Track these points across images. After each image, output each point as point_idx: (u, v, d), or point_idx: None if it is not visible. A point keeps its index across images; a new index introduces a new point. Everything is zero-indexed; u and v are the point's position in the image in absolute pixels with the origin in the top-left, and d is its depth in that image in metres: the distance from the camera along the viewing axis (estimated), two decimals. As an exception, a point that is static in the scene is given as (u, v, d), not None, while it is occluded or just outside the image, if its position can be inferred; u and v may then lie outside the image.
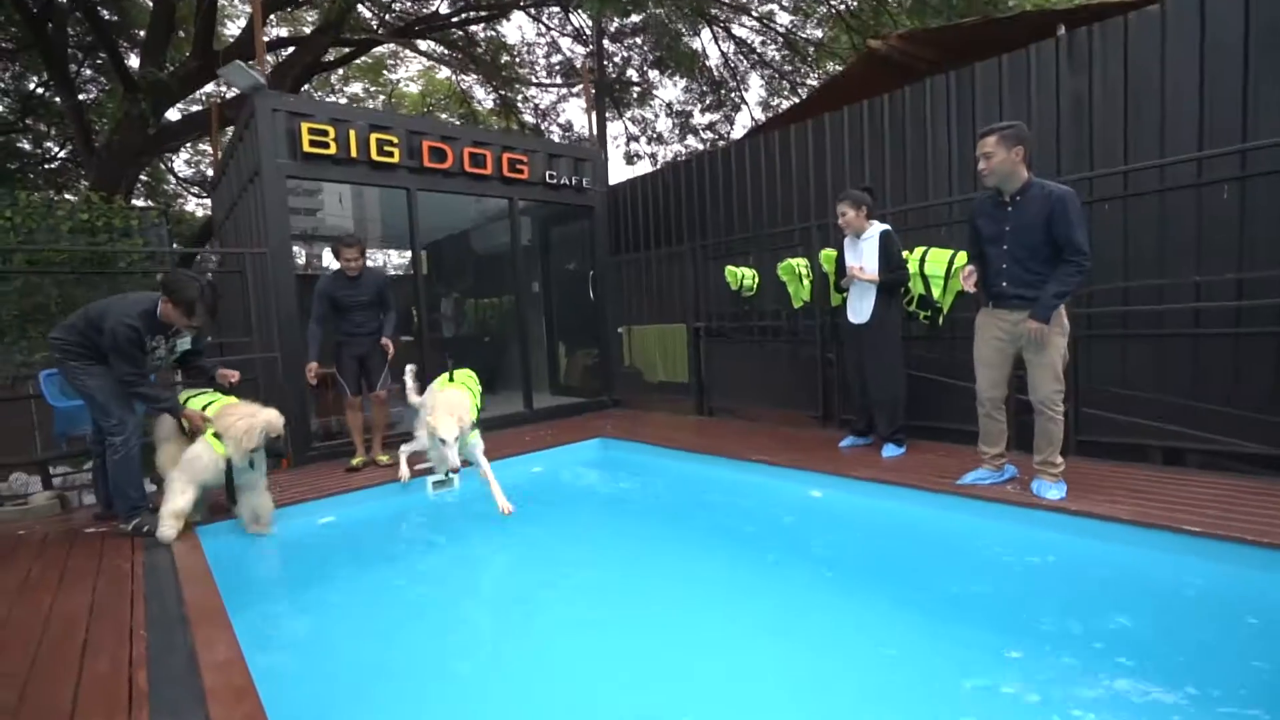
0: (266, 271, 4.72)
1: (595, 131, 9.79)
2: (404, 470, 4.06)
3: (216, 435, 3.19)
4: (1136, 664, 1.98)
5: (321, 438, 5.30)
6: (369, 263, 4.69)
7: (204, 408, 3.35)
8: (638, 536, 3.59)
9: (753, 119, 14.86)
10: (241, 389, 3.76)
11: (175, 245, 10.69)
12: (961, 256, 4.03)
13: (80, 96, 11.73)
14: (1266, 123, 3.36)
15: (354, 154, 5.05)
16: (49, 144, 14.20)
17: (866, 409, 4.40)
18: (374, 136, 5.14)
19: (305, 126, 4.79)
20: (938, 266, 4.20)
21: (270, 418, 3.23)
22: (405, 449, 4.08)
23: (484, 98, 15.98)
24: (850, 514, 3.58)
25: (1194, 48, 3.60)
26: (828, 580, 2.85)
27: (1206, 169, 3.55)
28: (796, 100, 13.66)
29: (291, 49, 11.32)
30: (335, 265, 4.55)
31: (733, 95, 14.81)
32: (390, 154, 5.22)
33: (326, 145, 4.90)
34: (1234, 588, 2.39)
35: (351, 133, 5.03)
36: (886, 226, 4.15)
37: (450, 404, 3.27)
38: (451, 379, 4.01)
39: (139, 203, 14.90)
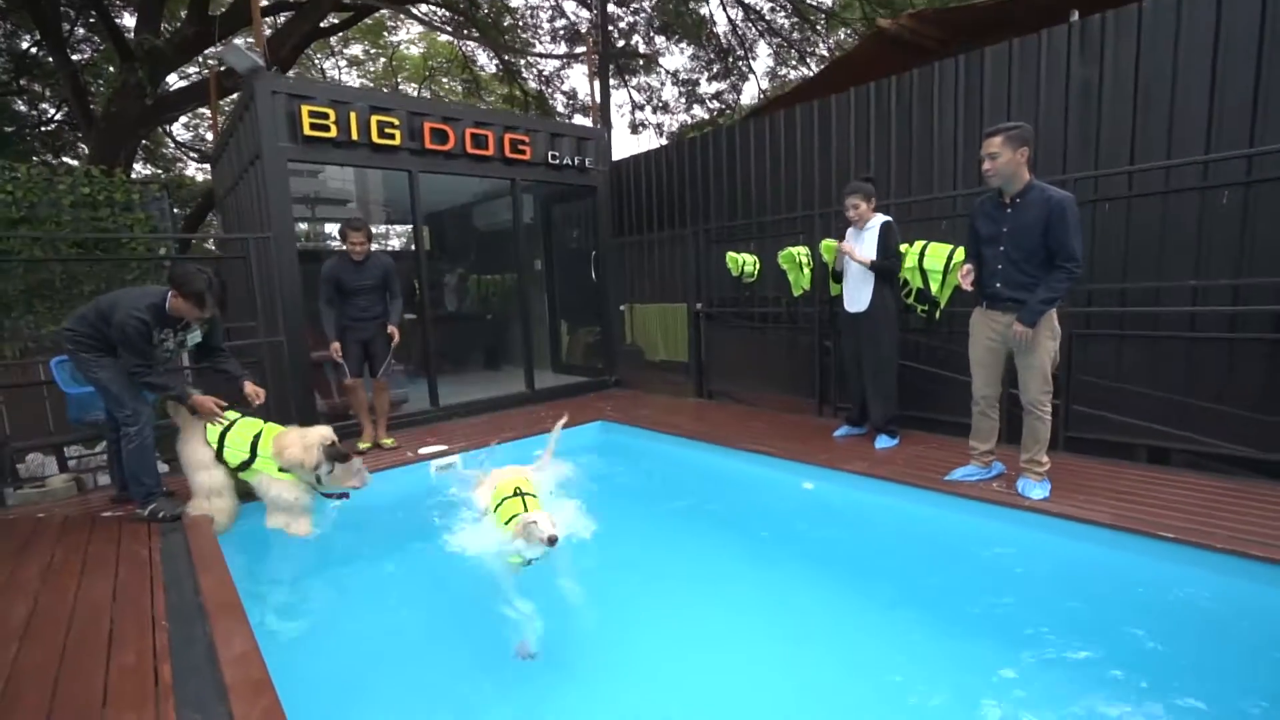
0: (270, 256, 4.74)
1: (599, 100, 9.64)
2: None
3: (283, 470, 3.35)
4: (1102, 666, 2.10)
5: (329, 419, 5.40)
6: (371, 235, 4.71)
7: (255, 435, 3.43)
8: (633, 526, 3.70)
9: (760, 89, 14.56)
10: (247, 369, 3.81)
11: (175, 211, 10.64)
12: (960, 252, 4.05)
13: (75, 56, 11.51)
14: (1276, 121, 3.33)
15: (355, 136, 5.03)
16: (44, 105, 14.00)
17: (861, 398, 4.47)
18: (375, 118, 5.10)
19: (305, 109, 4.76)
20: (937, 261, 4.21)
21: (321, 433, 3.41)
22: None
23: (487, 63, 15.65)
24: (841, 507, 3.69)
25: (1208, 39, 3.53)
26: (818, 573, 2.98)
27: (1212, 172, 3.53)
28: (805, 71, 13.37)
29: (290, 13, 11.04)
30: (334, 233, 4.58)
31: (740, 64, 14.47)
32: (391, 136, 5.19)
33: (327, 128, 4.87)
34: (1202, 592, 2.49)
35: (352, 115, 4.99)
36: (888, 218, 4.16)
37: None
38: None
39: (139, 167, 14.77)
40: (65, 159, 13.86)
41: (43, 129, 13.89)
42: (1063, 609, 2.50)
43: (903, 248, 4.35)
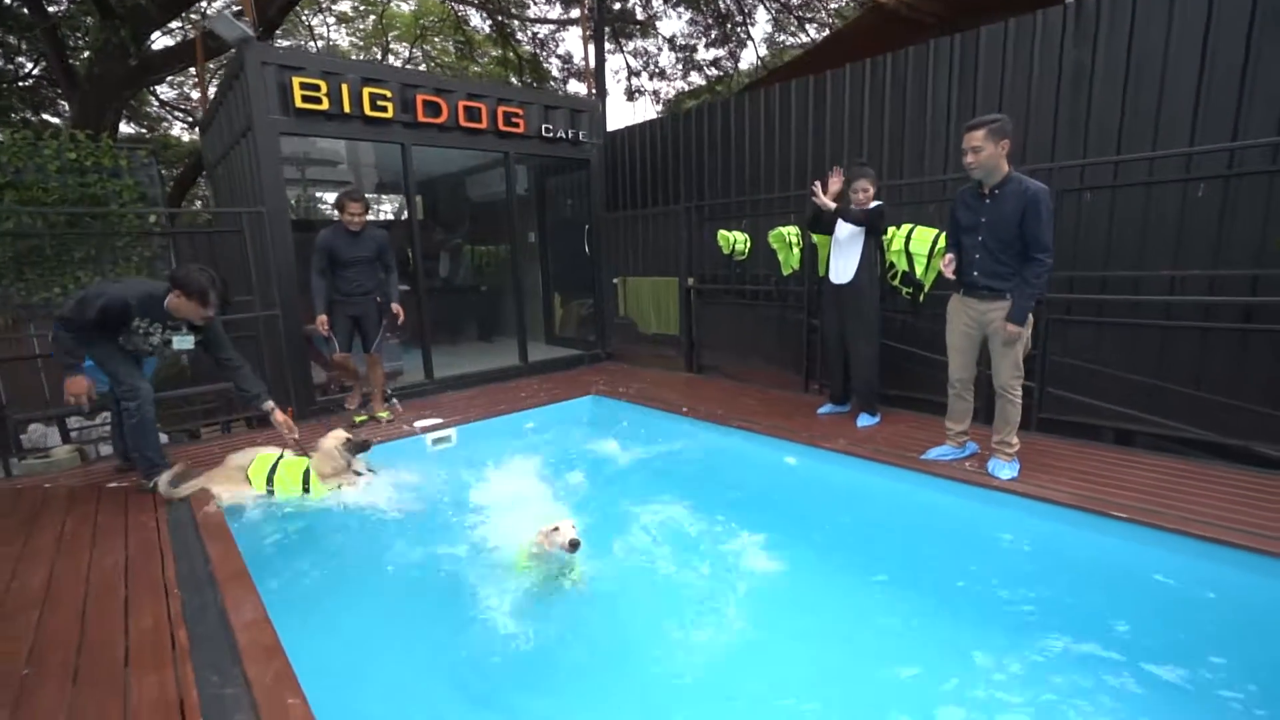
0: (264, 229, 4.75)
1: (594, 65, 9.48)
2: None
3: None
4: (1053, 633, 2.28)
5: (328, 391, 5.50)
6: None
7: (305, 471, 3.63)
8: (623, 501, 3.84)
9: (758, 56, 14.31)
10: (241, 346, 3.85)
11: (163, 173, 10.45)
12: (945, 237, 4.12)
13: (51, 8, 11.13)
14: (1260, 110, 3.40)
15: (347, 109, 4.99)
16: (21, 59, 13.57)
17: (844, 375, 4.58)
18: (367, 90, 5.05)
19: (296, 81, 4.70)
20: (922, 245, 4.30)
21: (336, 437, 3.73)
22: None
23: (480, 24, 15.24)
24: (821, 482, 3.85)
25: (1199, 26, 3.57)
26: (796, 545, 3.13)
27: (1194, 164, 3.60)
28: (805, 38, 13.13)
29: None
30: (325, 196, 4.59)
31: (739, 30, 14.18)
32: (384, 109, 5.15)
33: (319, 100, 4.82)
34: (1151, 568, 2.67)
35: (344, 87, 4.94)
36: (881, 203, 4.21)
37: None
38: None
39: (124, 128, 14.40)
40: (45, 116, 13.50)
41: (20, 84, 13.48)
42: (1020, 580, 2.68)
43: (890, 230, 4.42)
